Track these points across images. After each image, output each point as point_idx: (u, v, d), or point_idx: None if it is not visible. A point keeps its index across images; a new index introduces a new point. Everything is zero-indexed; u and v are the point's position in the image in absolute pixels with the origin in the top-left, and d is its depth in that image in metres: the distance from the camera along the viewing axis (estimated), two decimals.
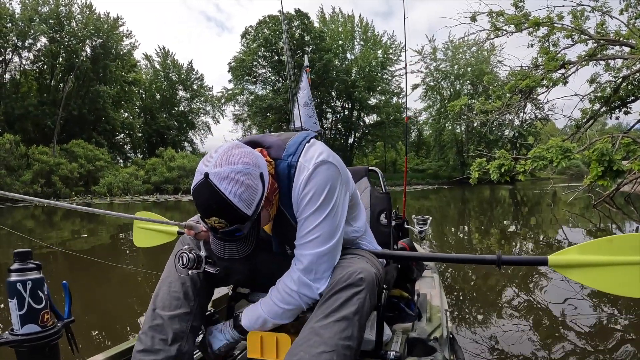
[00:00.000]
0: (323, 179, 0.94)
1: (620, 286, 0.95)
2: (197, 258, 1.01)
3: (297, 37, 31.20)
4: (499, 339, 2.26)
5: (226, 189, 0.82)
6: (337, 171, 0.98)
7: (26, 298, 0.80)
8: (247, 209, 0.84)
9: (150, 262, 4.60)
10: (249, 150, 0.90)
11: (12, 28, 22.15)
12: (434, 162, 36.88)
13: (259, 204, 0.87)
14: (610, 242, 0.97)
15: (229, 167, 0.84)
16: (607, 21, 8.57)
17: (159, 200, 18.21)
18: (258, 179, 0.86)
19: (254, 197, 0.85)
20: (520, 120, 27.89)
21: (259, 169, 0.88)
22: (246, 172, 0.84)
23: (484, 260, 1.14)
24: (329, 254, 0.97)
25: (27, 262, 0.83)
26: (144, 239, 1.78)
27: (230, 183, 0.82)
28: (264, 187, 0.88)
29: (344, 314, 0.87)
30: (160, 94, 33.86)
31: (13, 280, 0.80)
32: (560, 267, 1.02)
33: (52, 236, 6.88)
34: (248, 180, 0.84)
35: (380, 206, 1.64)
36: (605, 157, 5.90)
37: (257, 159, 0.89)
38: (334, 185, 0.96)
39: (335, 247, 0.98)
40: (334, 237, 0.97)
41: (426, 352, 1.23)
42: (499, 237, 6.46)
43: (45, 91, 25.10)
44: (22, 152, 18.46)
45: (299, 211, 0.97)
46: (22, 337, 0.80)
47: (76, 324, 0.92)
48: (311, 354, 0.81)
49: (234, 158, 0.85)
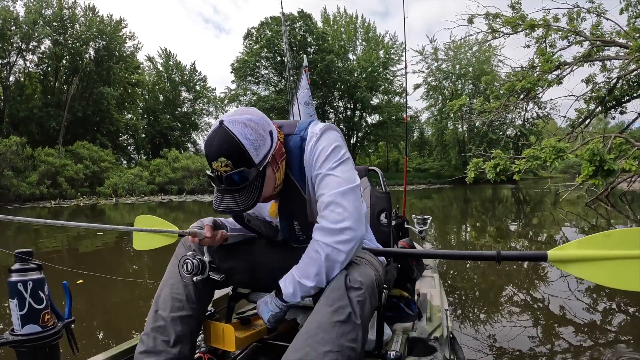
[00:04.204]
0: (332, 136, 1.03)
1: (619, 280, 0.95)
2: (202, 264, 1.03)
3: (300, 38, 31.21)
4: (499, 338, 2.26)
5: (238, 131, 0.89)
6: (342, 136, 1.07)
7: (27, 298, 0.80)
8: (254, 154, 0.90)
9: (151, 263, 4.63)
10: (261, 113, 1.00)
11: (16, 31, 22.33)
12: (436, 162, 36.79)
13: (265, 155, 0.92)
14: (609, 237, 0.97)
15: (243, 116, 0.93)
16: (602, 22, 8.59)
17: (164, 200, 18.28)
18: (267, 132, 0.94)
19: (262, 145, 0.91)
20: (523, 119, 27.79)
21: (270, 126, 0.96)
22: (258, 122, 0.93)
23: (484, 257, 1.14)
24: (351, 192, 0.96)
25: (28, 263, 0.84)
26: (143, 242, 1.78)
27: (242, 127, 0.90)
28: (272, 143, 0.94)
29: (351, 316, 0.87)
30: (164, 95, 34.01)
31: (14, 280, 0.81)
32: (559, 263, 1.02)
33: (57, 237, 6.93)
34: (259, 129, 0.92)
35: (380, 206, 1.64)
36: (597, 157, 5.94)
37: (269, 120, 0.99)
38: (342, 143, 1.04)
39: (356, 188, 0.98)
40: (353, 181, 0.99)
41: (426, 352, 1.22)
42: (497, 235, 6.43)
43: (49, 93, 25.27)
44: (28, 154, 18.60)
45: (315, 168, 1.00)
46: (22, 337, 0.80)
47: (76, 324, 0.93)
48: (318, 351, 0.82)
49: (248, 111, 0.96)
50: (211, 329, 1.13)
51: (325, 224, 0.94)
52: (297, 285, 0.97)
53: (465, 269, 3.99)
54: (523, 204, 13.28)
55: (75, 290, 3.36)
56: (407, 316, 1.49)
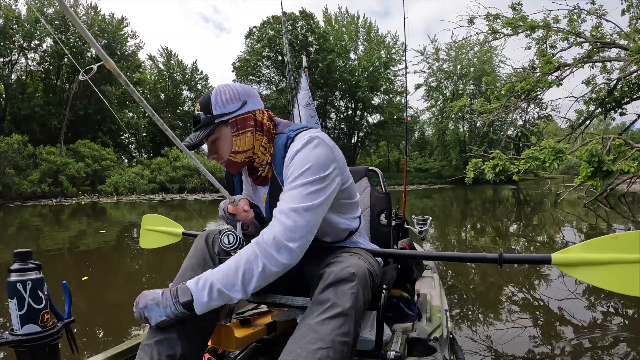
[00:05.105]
0: (316, 149, 0.99)
1: (625, 285, 0.92)
2: (240, 239, 1.04)
3: (301, 37, 31.20)
4: (499, 339, 2.25)
5: (216, 88, 1.07)
6: (330, 150, 1.01)
7: (26, 298, 0.80)
8: (214, 106, 1.03)
9: (155, 262, 4.64)
10: (250, 89, 1.11)
11: (18, 29, 22.37)
12: (437, 162, 36.76)
13: (226, 114, 1.03)
14: (615, 240, 0.94)
15: (231, 83, 1.11)
16: (602, 24, 8.60)
17: (165, 199, 18.31)
18: (239, 99, 1.05)
19: (226, 104, 1.04)
20: (524, 120, 27.74)
21: (246, 97, 1.06)
22: (236, 88, 1.07)
23: (486, 259, 1.12)
24: (308, 211, 0.92)
25: (27, 262, 0.83)
26: (150, 240, 1.79)
27: (221, 87, 1.07)
28: (240, 110, 1.04)
29: (339, 309, 0.86)
30: (165, 94, 34.03)
31: (13, 280, 0.80)
32: (564, 266, 0.99)
33: (57, 236, 6.95)
34: (231, 92, 1.05)
35: (380, 206, 1.63)
36: (595, 158, 5.96)
37: (252, 94, 1.09)
38: (325, 158, 0.98)
39: (315, 208, 0.93)
40: (316, 199, 0.93)
41: (426, 352, 1.22)
42: (498, 235, 6.43)
43: (51, 92, 25.32)
44: (30, 152, 18.65)
45: (289, 173, 0.99)
46: (22, 337, 0.80)
47: (76, 324, 0.93)
48: (307, 350, 0.80)
49: (240, 84, 1.10)
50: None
51: (269, 234, 0.91)
52: (209, 286, 0.88)
53: (465, 270, 3.99)
54: (523, 205, 13.27)
55: (75, 290, 3.37)
56: (406, 316, 1.48)
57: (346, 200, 1.13)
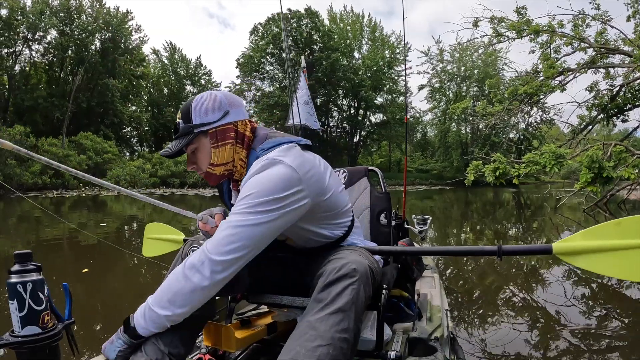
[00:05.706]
0: (270, 174, 0.92)
1: (630, 271, 0.89)
2: None
3: (306, 35, 31.12)
4: (499, 338, 2.25)
5: (198, 96, 1.04)
6: (291, 173, 0.92)
7: (26, 299, 0.80)
8: (194, 115, 1.01)
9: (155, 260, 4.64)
10: (236, 97, 1.08)
11: (22, 21, 22.37)
12: (439, 163, 36.71)
13: (206, 124, 1.01)
14: (618, 225, 0.91)
15: (215, 91, 1.07)
16: (607, 30, 8.55)
17: (166, 193, 18.34)
18: (220, 109, 1.02)
19: (206, 113, 1.01)
20: (526, 123, 27.66)
21: (228, 108, 1.03)
22: (218, 98, 1.03)
23: (484, 252, 1.09)
24: (243, 227, 0.89)
25: (27, 264, 0.83)
26: (152, 248, 1.80)
27: (203, 95, 1.04)
28: (220, 120, 1.02)
29: (338, 306, 0.85)
30: (168, 88, 34.05)
31: (13, 281, 0.80)
32: (565, 255, 0.96)
33: (57, 228, 6.96)
34: (213, 102, 1.02)
35: (380, 206, 1.63)
36: (595, 164, 5.94)
37: (238, 103, 1.06)
38: (279, 182, 0.91)
39: (253, 226, 0.89)
40: (258, 218, 0.89)
41: (427, 352, 1.21)
42: (497, 237, 6.43)
43: (54, 83, 25.35)
44: (32, 144, 18.70)
45: (240, 192, 0.95)
46: (22, 338, 0.80)
47: (76, 325, 0.94)
48: (307, 348, 0.80)
49: (226, 92, 1.08)
50: (211, 330, 1.13)
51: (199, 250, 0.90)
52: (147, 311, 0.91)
53: (465, 269, 3.99)
54: (524, 208, 13.26)
55: (75, 290, 3.37)
56: (407, 316, 1.48)
57: (326, 213, 1.07)
